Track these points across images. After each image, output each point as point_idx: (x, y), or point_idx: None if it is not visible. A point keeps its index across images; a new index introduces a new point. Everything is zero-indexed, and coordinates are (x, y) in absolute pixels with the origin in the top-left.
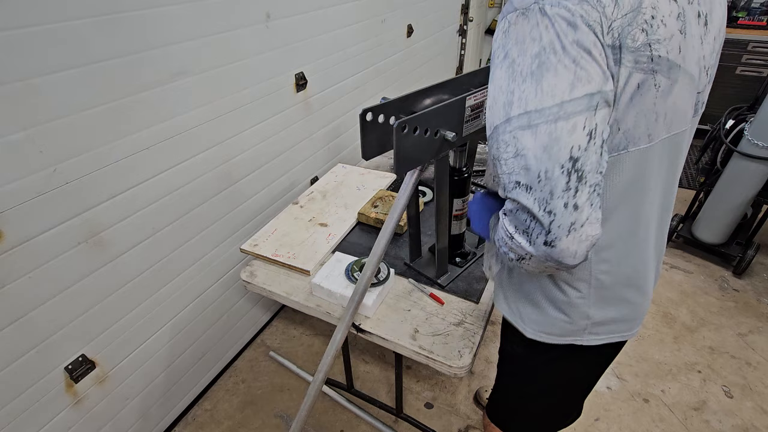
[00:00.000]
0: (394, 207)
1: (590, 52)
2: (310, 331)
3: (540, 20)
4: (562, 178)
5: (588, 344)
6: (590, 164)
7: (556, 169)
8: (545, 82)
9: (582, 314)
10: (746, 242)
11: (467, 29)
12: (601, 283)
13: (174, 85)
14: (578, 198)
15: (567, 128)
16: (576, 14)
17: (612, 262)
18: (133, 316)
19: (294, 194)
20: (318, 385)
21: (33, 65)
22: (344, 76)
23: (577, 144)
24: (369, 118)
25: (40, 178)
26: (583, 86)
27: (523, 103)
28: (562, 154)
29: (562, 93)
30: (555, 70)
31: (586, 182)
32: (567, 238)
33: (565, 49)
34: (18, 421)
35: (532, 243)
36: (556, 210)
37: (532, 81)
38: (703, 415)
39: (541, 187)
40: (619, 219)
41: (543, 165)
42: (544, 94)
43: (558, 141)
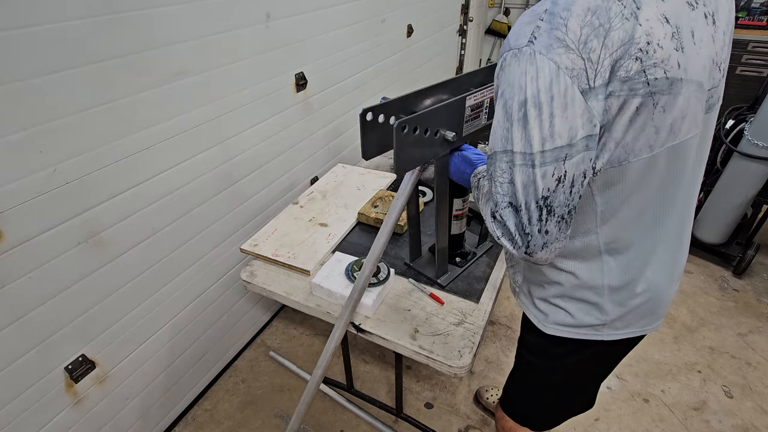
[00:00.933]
0: (393, 206)
1: (567, 107)
2: (310, 331)
3: (528, 68)
4: (536, 211)
5: (609, 339)
6: (558, 202)
7: (532, 203)
8: (527, 131)
9: (602, 311)
10: (746, 242)
11: (467, 29)
12: (619, 282)
13: (174, 85)
14: (548, 226)
15: (540, 174)
16: (561, 66)
17: (627, 262)
18: (133, 316)
19: (294, 194)
20: (316, 383)
21: (33, 65)
22: (344, 76)
23: (547, 187)
24: (369, 118)
25: (40, 178)
26: (554, 141)
27: (511, 143)
28: (538, 193)
29: (537, 145)
30: (534, 124)
31: (554, 214)
32: (541, 251)
33: (543, 106)
34: (18, 421)
35: (515, 248)
36: (532, 233)
37: (519, 127)
38: (703, 415)
39: (523, 213)
40: (629, 221)
41: (524, 198)
42: (525, 141)
43: (534, 183)
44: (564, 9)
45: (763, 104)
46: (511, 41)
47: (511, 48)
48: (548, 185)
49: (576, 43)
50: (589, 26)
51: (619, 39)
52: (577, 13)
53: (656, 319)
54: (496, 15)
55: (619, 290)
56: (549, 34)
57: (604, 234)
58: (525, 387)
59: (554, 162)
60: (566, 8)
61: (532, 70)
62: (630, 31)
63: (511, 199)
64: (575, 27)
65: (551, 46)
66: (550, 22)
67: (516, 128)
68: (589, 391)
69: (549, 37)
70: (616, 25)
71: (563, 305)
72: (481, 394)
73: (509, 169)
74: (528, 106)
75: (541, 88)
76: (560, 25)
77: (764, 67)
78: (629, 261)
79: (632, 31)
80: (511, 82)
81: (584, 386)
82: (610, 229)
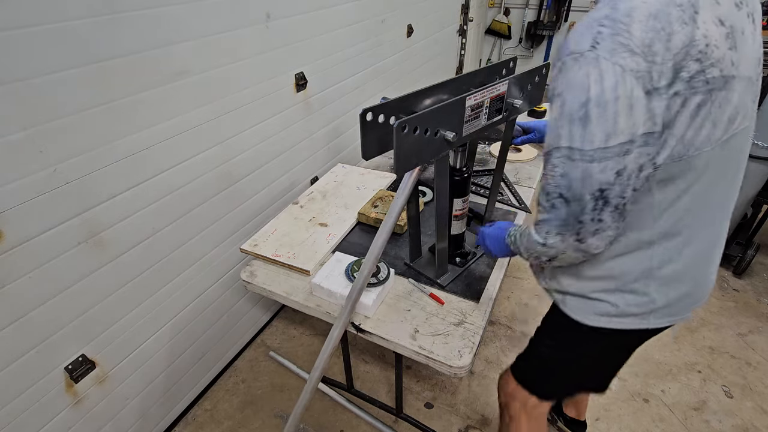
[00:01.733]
0: (393, 206)
1: (632, 106)
2: (310, 331)
3: (591, 71)
4: (591, 202)
5: (653, 327)
6: (614, 194)
7: (587, 195)
8: (588, 129)
9: (650, 300)
10: (746, 242)
11: (467, 29)
12: (668, 271)
13: (174, 85)
14: (602, 215)
15: (598, 169)
16: (627, 69)
17: (677, 251)
18: (133, 316)
19: (294, 194)
20: (314, 383)
21: (33, 65)
22: (344, 76)
23: (606, 180)
24: (369, 118)
25: (40, 178)
26: (618, 137)
27: (568, 139)
28: (594, 187)
29: (600, 141)
30: (596, 122)
31: (610, 205)
32: (592, 237)
33: (608, 105)
34: (18, 421)
35: (564, 241)
36: (585, 221)
37: (579, 125)
38: (703, 415)
39: (575, 204)
40: (683, 212)
41: (578, 190)
42: (585, 139)
43: (591, 177)
44: (625, 15)
45: (764, 104)
46: (570, 46)
47: (571, 52)
48: (607, 178)
49: (640, 47)
50: (653, 31)
51: (681, 42)
52: (639, 19)
53: (696, 304)
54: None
55: (667, 279)
56: (612, 39)
57: (659, 227)
58: (543, 368)
59: (615, 157)
60: (627, 14)
61: (595, 73)
62: (690, 35)
63: (562, 191)
64: (638, 32)
65: (615, 50)
66: (612, 27)
67: (576, 126)
68: (608, 376)
69: (612, 41)
70: (677, 29)
71: (608, 298)
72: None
73: (562, 164)
74: (590, 106)
75: (606, 89)
76: (623, 31)
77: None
78: (679, 250)
79: (692, 35)
80: (572, 83)
81: (605, 372)
82: (665, 222)
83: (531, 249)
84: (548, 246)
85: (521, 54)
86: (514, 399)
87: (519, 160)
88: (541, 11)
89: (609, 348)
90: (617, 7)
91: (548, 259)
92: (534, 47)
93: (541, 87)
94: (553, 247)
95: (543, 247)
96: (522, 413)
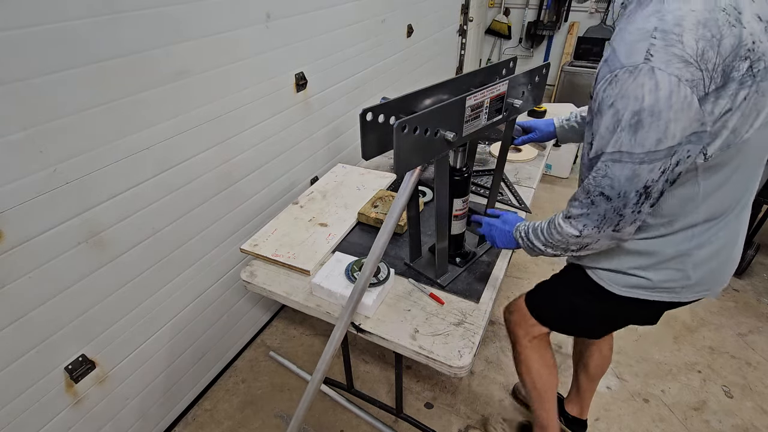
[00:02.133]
0: (393, 206)
1: (684, 112)
2: (310, 331)
3: (646, 82)
4: (635, 197)
5: (686, 300)
6: (656, 189)
7: (632, 192)
8: (639, 135)
9: (686, 277)
10: (746, 242)
11: (467, 29)
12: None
13: (174, 85)
14: (642, 207)
15: (647, 169)
16: (682, 79)
17: (716, 231)
18: (133, 316)
19: (294, 194)
20: (316, 385)
21: (33, 65)
22: (344, 76)
23: (652, 178)
24: (369, 118)
25: (40, 178)
26: (668, 141)
27: (618, 144)
28: (640, 185)
29: (650, 145)
30: (648, 128)
31: (650, 198)
32: (629, 227)
33: (662, 113)
34: (18, 421)
35: (601, 231)
36: (626, 214)
37: (629, 131)
38: (703, 415)
39: (618, 200)
40: (724, 196)
41: (624, 188)
42: (636, 143)
43: (639, 176)
44: (675, 25)
45: None
46: (622, 59)
47: (624, 66)
48: (653, 177)
49: (694, 57)
50: (704, 39)
51: (730, 45)
52: (689, 28)
53: (725, 282)
54: (496, 15)
55: (704, 258)
56: (666, 51)
57: (702, 212)
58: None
59: (664, 158)
60: (677, 23)
61: (650, 83)
62: (738, 36)
63: (603, 190)
64: (691, 41)
65: (670, 61)
66: (664, 39)
67: (626, 133)
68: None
69: (666, 53)
70: (726, 33)
71: (644, 274)
72: (519, 389)
73: (606, 167)
74: (644, 114)
75: (660, 99)
76: (676, 42)
77: None
78: (717, 232)
79: (740, 35)
80: (625, 94)
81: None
82: (708, 208)
83: (561, 241)
84: (583, 236)
85: (521, 54)
86: (519, 326)
87: (519, 160)
88: (541, 11)
89: (634, 312)
90: (665, 18)
91: (579, 248)
92: (534, 47)
93: (541, 87)
94: (588, 236)
95: (578, 238)
96: (525, 338)
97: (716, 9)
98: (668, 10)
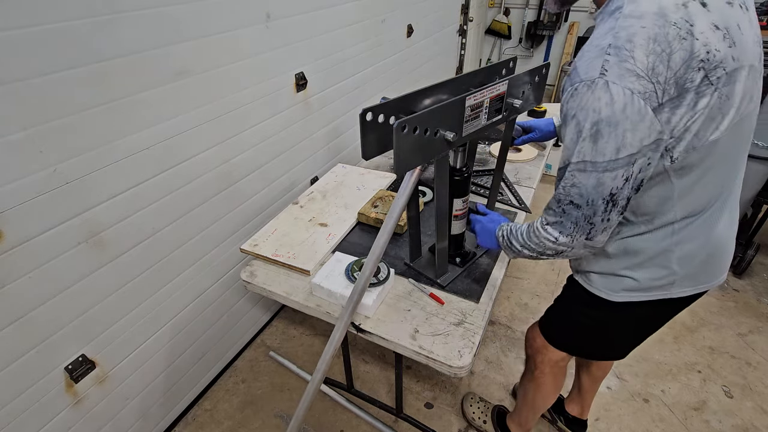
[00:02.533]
0: (393, 206)
1: (639, 123)
2: (310, 331)
3: (602, 95)
4: (602, 205)
5: (678, 296)
6: (622, 197)
7: (599, 200)
8: (599, 144)
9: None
10: (746, 242)
11: (467, 29)
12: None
13: (174, 85)
14: (610, 215)
15: (611, 177)
16: (635, 91)
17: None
18: (133, 316)
19: (294, 194)
20: (316, 385)
21: (33, 65)
22: (344, 76)
23: (616, 186)
24: (369, 118)
25: (40, 178)
26: (627, 150)
27: (581, 154)
28: (605, 192)
29: (610, 154)
30: (607, 138)
31: (617, 206)
32: (600, 235)
33: (618, 124)
34: (18, 421)
35: (574, 240)
36: (596, 222)
37: (590, 141)
38: (703, 415)
39: (587, 208)
40: (701, 193)
41: (591, 196)
42: (597, 152)
43: (603, 184)
44: (627, 41)
45: (764, 104)
46: (581, 74)
47: (582, 80)
48: (617, 184)
49: (645, 71)
50: (654, 54)
51: (681, 59)
52: (640, 44)
53: (720, 274)
54: (496, 15)
55: (688, 253)
56: (619, 66)
57: (679, 210)
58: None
59: (625, 166)
60: (629, 40)
61: (606, 97)
62: (689, 49)
63: (573, 199)
64: (641, 57)
65: (623, 75)
66: (617, 55)
67: (587, 143)
68: (633, 344)
69: (619, 68)
70: (676, 47)
71: (631, 274)
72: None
73: (572, 176)
74: (601, 125)
75: (616, 111)
76: (628, 57)
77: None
78: (698, 227)
79: (691, 48)
80: (584, 107)
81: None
82: (685, 205)
83: (539, 245)
84: (559, 243)
85: (521, 54)
86: (539, 353)
87: (519, 160)
88: (541, 11)
89: (637, 319)
90: (618, 35)
91: (554, 253)
92: (534, 47)
93: (541, 87)
94: (563, 244)
95: (554, 244)
96: (546, 365)
97: (667, 24)
98: (622, 26)
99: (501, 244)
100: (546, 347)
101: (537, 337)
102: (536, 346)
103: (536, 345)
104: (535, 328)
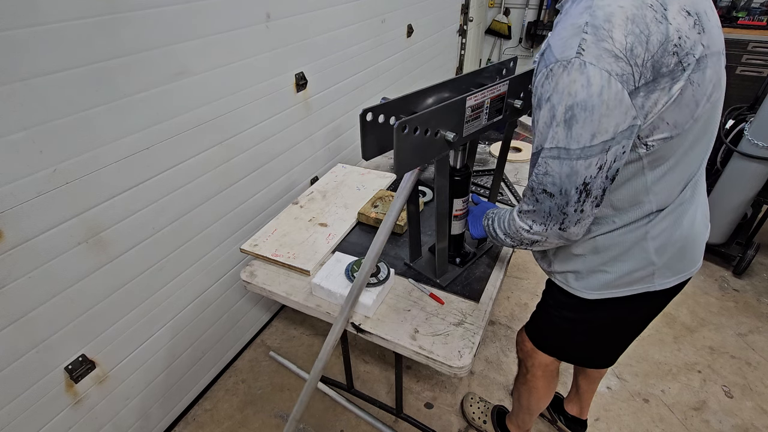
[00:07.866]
0: (392, 206)
1: (616, 107)
2: (310, 331)
3: (578, 77)
4: (575, 194)
5: (660, 288)
6: (596, 186)
7: (572, 189)
8: (573, 130)
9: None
10: (746, 242)
11: (467, 29)
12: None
13: (174, 85)
14: (584, 206)
15: (584, 165)
16: (613, 73)
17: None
18: (133, 316)
19: (294, 194)
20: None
21: (33, 65)
22: (344, 76)
23: (590, 174)
24: (369, 118)
25: (40, 178)
26: (602, 136)
27: (555, 140)
28: (578, 181)
29: (585, 141)
30: (582, 123)
31: (590, 196)
32: (574, 227)
33: (594, 109)
34: (18, 421)
35: (548, 229)
36: (569, 212)
37: (564, 127)
38: (703, 415)
39: (560, 197)
40: (674, 184)
41: (564, 185)
42: (572, 139)
43: (577, 172)
44: (605, 20)
45: (763, 104)
46: (556, 53)
47: (557, 60)
48: (591, 173)
49: (623, 52)
50: (632, 35)
51: (658, 41)
52: (618, 24)
53: (698, 260)
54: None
55: (664, 242)
56: (597, 46)
57: (652, 202)
58: (555, 335)
59: (599, 153)
60: (607, 20)
61: (582, 79)
62: (665, 32)
63: (546, 187)
64: (620, 37)
65: (601, 56)
66: (595, 34)
67: (562, 128)
68: (615, 349)
69: (597, 48)
70: (653, 29)
71: (608, 269)
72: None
73: (545, 163)
74: (576, 109)
75: (592, 94)
76: (606, 37)
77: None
78: (672, 216)
79: (666, 32)
80: (559, 89)
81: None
82: (657, 197)
83: (515, 234)
84: (533, 232)
85: (521, 54)
86: (530, 357)
87: (519, 160)
88: (541, 11)
89: (618, 318)
90: (595, 14)
91: (531, 243)
92: (534, 47)
93: None
94: (537, 233)
95: (528, 233)
96: (537, 369)
97: (644, 5)
98: (599, 6)
99: (486, 232)
100: (535, 351)
101: (526, 341)
102: (526, 350)
103: (526, 349)
104: (524, 332)
